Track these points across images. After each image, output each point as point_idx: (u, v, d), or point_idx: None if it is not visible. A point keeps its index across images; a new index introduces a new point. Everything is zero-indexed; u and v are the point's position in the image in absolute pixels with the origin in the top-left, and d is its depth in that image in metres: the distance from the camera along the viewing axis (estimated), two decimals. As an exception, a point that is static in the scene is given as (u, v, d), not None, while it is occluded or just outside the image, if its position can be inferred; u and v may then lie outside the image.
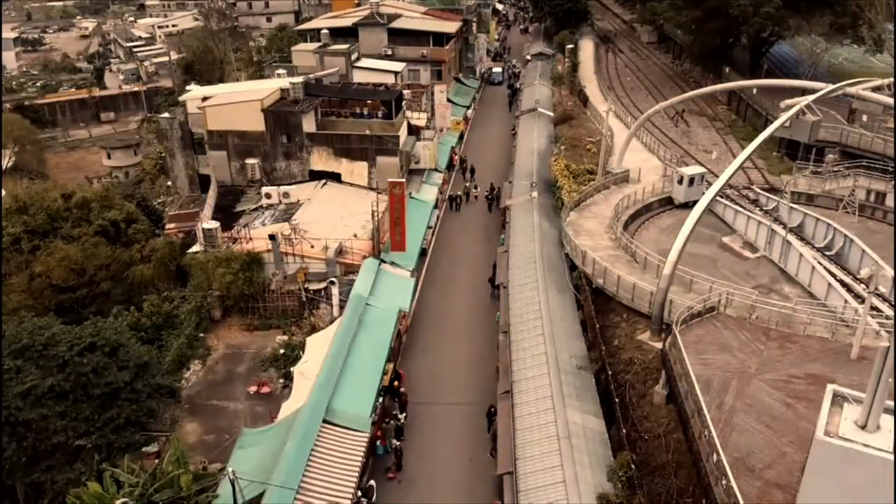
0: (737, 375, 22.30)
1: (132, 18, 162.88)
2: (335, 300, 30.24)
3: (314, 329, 29.56)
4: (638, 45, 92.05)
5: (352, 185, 41.79)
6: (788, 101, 37.74)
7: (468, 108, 68.12)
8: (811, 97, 34.78)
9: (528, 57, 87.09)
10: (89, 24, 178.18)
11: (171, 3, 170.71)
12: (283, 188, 38.69)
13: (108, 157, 75.79)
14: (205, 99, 43.37)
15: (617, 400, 24.47)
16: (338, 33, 65.50)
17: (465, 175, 54.35)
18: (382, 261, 33.44)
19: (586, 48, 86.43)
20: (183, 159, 47.19)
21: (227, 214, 38.90)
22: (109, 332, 25.03)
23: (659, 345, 26.47)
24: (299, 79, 43.00)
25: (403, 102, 48.65)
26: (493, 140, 62.15)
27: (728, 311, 26.21)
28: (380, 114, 45.24)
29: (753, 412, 20.58)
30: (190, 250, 34.53)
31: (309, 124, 41.26)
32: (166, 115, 47.58)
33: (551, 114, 61.12)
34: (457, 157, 55.92)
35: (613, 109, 47.02)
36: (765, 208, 39.99)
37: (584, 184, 42.70)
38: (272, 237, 32.00)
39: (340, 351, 26.39)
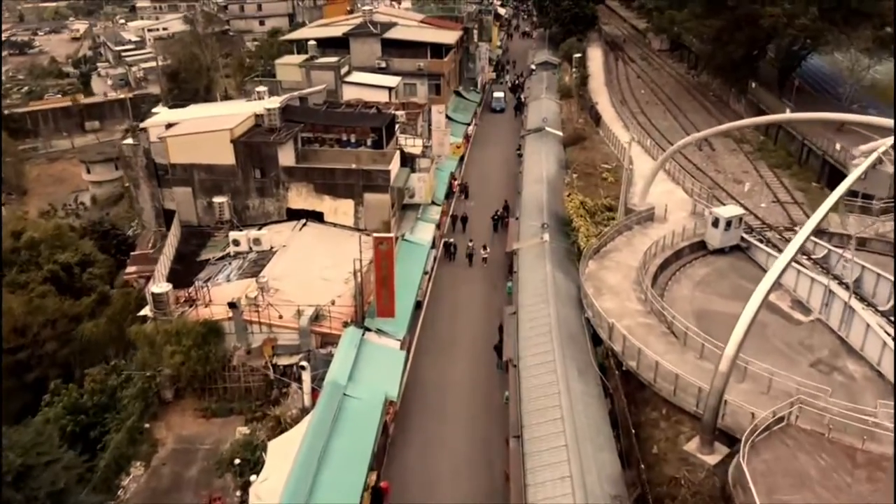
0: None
1: (123, 21, 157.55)
2: (306, 387, 24.78)
3: (279, 424, 24.10)
4: (649, 52, 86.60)
5: (336, 225, 36.34)
6: (864, 148, 32.03)
7: (469, 124, 62.60)
8: (891, 141, 28.94)
9: (533, 66, 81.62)
10: (81, 25, 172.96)
11: (162, 4, 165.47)
12: (254, 234, 33.24)
13: (88, 171, 70.65)
14: (169, 126, 37.91)
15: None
16: (327, 44, 59.94)
17: (465, 198, 49.17)
18: (367, 328, 27.96)
19: (595, 57, 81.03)
20: (149, 190, 41.69)
21: (189, 264, 33.46)
22: (18, 450, 19.67)
23: (711, 459, 21.04)
24: (276, 102, 37.49)
25: (397, 126, 43.24)
26: (497, 161, 56.68)
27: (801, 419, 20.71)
28: (369, 141, 39.75)
29: None
30: (142, 311, 29.07)
31: (286, 157, 35.79)
32: (129, 141, 42.08)
33: (560, 133, 55.59)
34: (457, 184, 50.46)
35: (637, 140, 41.56)
36: (812, 256, 34.57)
37: (603, 223, 37.27)
38: (233, 305, 26.54)
39: (309, 462, 20.97)
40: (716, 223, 34.28)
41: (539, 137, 54.57)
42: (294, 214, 36.39)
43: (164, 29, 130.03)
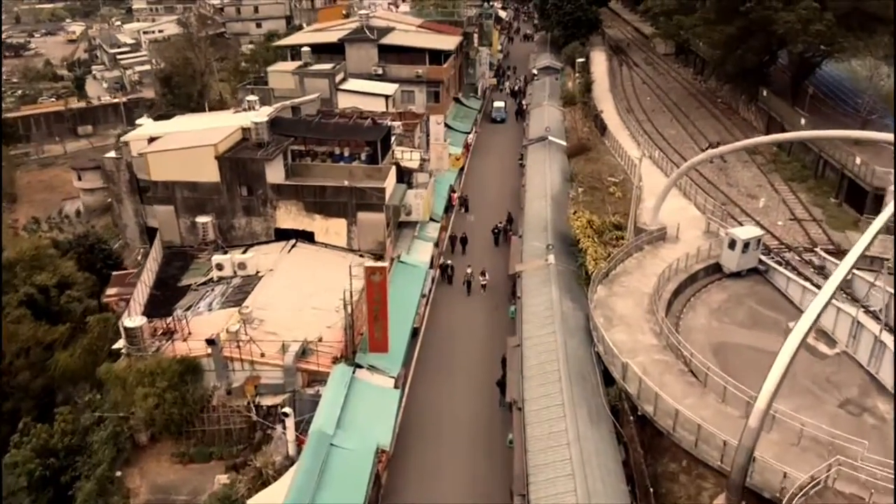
0: None
1: (119, 23, 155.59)
2: (290, 434, 22.61)
3: (260, 475, 21.93)
4: (654, 57, 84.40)
5: (327, 245, 34.19)
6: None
7: (469, 132, 60.44)
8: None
9: (535, 71, 79.39)
10: (78, 27, 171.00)
11: (158, 6, 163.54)
12: (238, 258, 31.06)
13: (79, 178, 68.40)
14: (151, 140, 35.77)
15: None
16: (322, 50, 57.83)
17: (465, 211, 47.11)
18: (358, 365, 25.78)
19: (598, 62, 78.86)
20: (132, 206, 39.60)
21: (170, 290, 31.30)
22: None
23: (740, 524, 18.90)
24: (264, 115, 35.31)
25: (393, 138, 41.10)
26: (498, 172, 54.56)
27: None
28: (363, 155, 37.66)
29: None
30: (117, 344, 26.92)
31: (275, 173, 33.61)
32: (112, 154, 39.93)
33: (564, 143, 53.51)
34: (456, 197, 48.31)
35: (648, 155, 39.41)
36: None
37: (611, 242, 35.10)
38: (211, 342, 24.37)
39: (293, 523, 18.87)
40: (732, 245, 32.10)
41: (542, 147, 52.46)
42: (283, 234, 34.23)
43: (160, 31, 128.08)
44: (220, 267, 30.96)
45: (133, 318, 25.47)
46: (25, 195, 77.23)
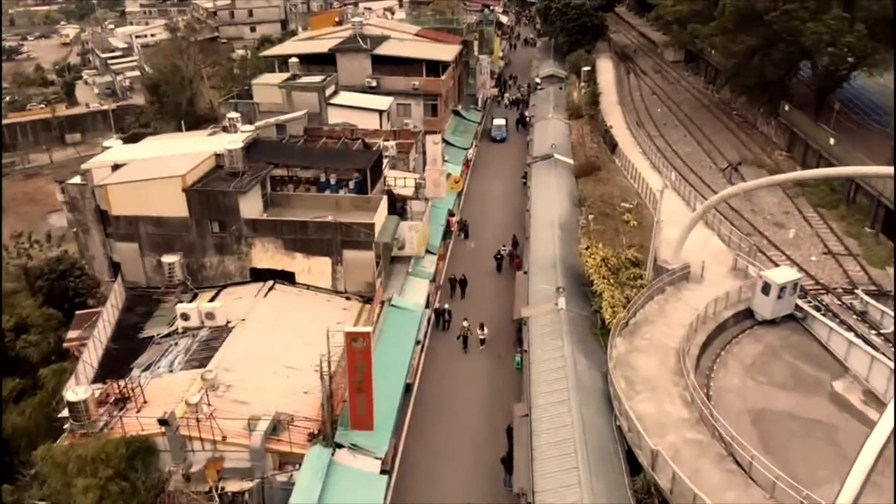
0: None
1: (112, 26, 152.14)
2: (255, 540, 18.93)
3: None
4: (662, 64, 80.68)
5: (309, 287, 30.51)
6: None
7: (469, 147, 56.74)
8: None
9: (538, 80, 75.73)
10: (72, 30, 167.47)
11: (151, 9, 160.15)
12: (207, 306, 27.33)
13: (63, 191, 64.64)
14: (116, 167, 32.09)
15: None
16: (312, 60, 54.23)
17: (464, 237, 43.47)
18: (338, 445, 22.04)
19: (605, 70, 75.11)
20: (99, 237, 35.86)
21: (130, 341, 27.65)
22: None
23: None
24: (240, 140, 31.57)
25: (386, 161, 37.48)
26: (500, 191, 50.87)
27: None
28: (352, 183, 34.02)
29: None
30: (64, 412, 23.19)
31: (250, 207, 29.93)
32: (77, 179, 36.18)
33: (571, 161, 49.79)
34: (455, 222, 44.61)
35: (670, 184, 35.73)
36: (881, 329, 28.80)
37: (629, 283, 31.36)
38: (164, 422, 20.65)
39: None
40: (767, 290, 28.38)
41: (547, 166, 48.78)
42: (260, 275, 30.54)
43: (153, 35, 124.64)
44: (185, 317, 27.26)
45: (76, 390, 21.73)
46: (10, 207, 73.71)
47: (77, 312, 36.48)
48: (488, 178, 53.57)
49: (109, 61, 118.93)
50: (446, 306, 33.34)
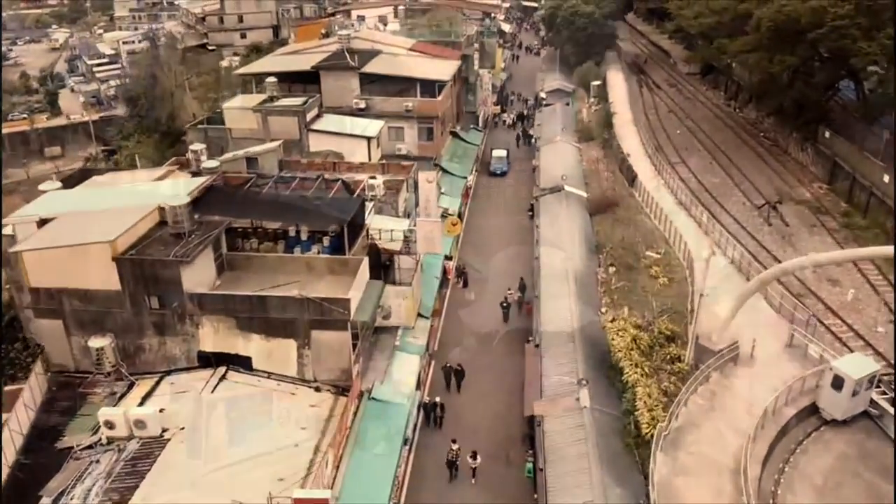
0: None
1: (101, 31, 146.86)
2: None
3: None
4: (677, 77, 74.89)
5: (270, 375, 24.81)
6: None
7: (468, 176, 51.12)
8: None
9: (543, 94, 70.06)
10: (62, 35, 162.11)
11: (141, 14, 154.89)
12: (135, 413, 21.62)
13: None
14: (42, 223, 26.42)
15: None
16: (293, 78, 48.66)
17: (463, 286, 37.92)
18: None
19: (616, 84, 69.33)
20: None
21: (43, 455, 22.01)
22: None
23: None
24: (186, 192, 25.90)
25: (370, 207, 31.85)
26: (504, 224, 45.34)
27: None
28: (326, 239, 28.37)
29: None
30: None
31: (197, 277, 24.25)
32: (8, 230, 30.45)
33: (584, 194, 44.11)
34: (452, 267, 38.98)
35: (718, 249, 29.98)
36: None
37: (665, 368, 25.65)
38: None
39: None
40: (838, 385, 22.73)
41: (557, 200, 43.14)
42: (208, 359, 24.86)
43: (139, 41, 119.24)
44: (109, 425, 21.57)
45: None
46: (-18, 227, 68.45)
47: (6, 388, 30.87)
48: (490, 212, 47.95)
49: (95, 68, 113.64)
50: (437, 399, 27.29)
